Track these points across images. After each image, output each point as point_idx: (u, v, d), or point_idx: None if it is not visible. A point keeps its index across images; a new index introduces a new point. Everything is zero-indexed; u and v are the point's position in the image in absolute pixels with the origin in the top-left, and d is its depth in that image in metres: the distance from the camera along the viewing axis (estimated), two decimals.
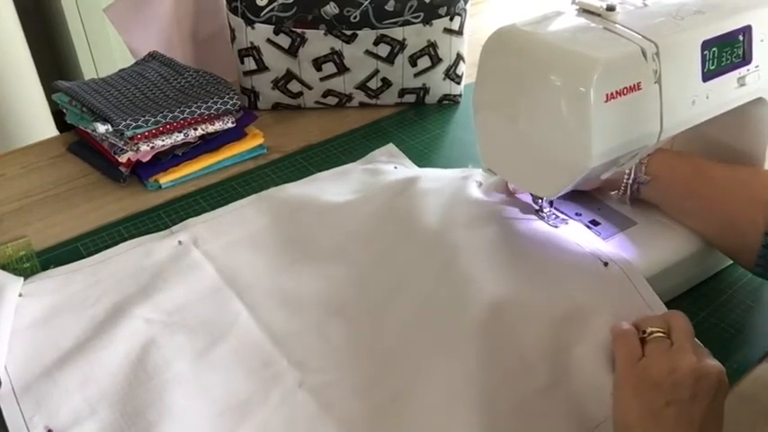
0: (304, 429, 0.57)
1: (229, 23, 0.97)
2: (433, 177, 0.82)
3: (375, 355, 0.63)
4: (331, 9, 0.92)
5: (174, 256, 0.74)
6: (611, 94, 0.55)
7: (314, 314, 0.67)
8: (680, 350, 0.54)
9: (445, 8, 0.95)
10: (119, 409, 0.58)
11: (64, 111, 0.92)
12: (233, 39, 0.98)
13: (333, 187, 0.84)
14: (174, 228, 0.79)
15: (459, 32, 0.98)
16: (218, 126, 0.90)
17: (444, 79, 1.02)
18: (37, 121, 1.78)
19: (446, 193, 0.79)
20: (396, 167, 0.88)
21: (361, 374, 0.61)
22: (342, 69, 0.98)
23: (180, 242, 0.76)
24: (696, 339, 0.58)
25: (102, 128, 0.83)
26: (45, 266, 0.74)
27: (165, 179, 0.87)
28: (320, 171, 0.89)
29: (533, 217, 0.71)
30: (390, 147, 0.93)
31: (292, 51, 0.96)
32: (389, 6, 0.93)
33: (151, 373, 0.61)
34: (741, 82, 0.64)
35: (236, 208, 0.82)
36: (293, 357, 0.63)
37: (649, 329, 0.56)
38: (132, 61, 1.05)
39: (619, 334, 0.57)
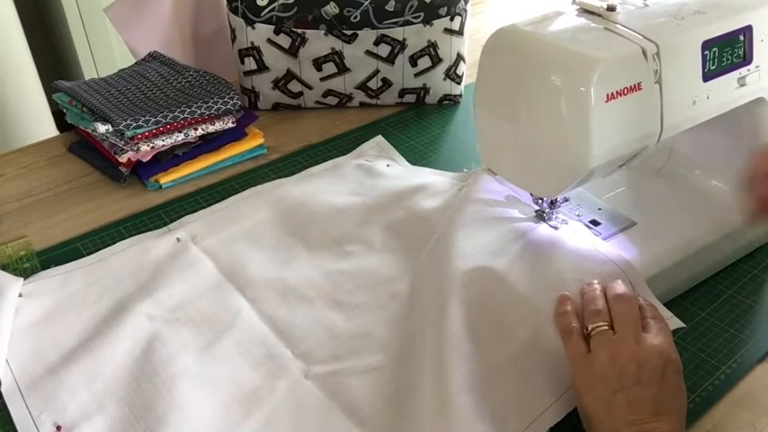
0: (311, 419, 0.58)
1: (230, 23, 0.97)
2: (430, 181, 0.83)
3: (378, 342, 0.64)
4: (331, 9, 0.93)
5: (172, 254, 0.74)
6: (612, 94, 0.55)
7: (315, 306, 0.69)
8: (620, 339, 0.56)
9: (446, 8, 0.95)
10: (126, 404, 0.59)
11: (64, 111, 0.92)
12: (233, 39, 0.98)
13: (330, 186, 0.84)
14: (172, 225, 0.79)
15: (460, 32, 0.98)
16: (218, 126, 0.90)
17: (445, 79, 1.02)
18: (37, 121, 1.78)
19: (445, 194, 0.80)
20: (388, 165, 0.88)
21: (365, 362, 0.63)
22: (342, 69, 0.98)
23: (178, 239, 0.76)
24: (653, 303, 0.61)
25: (102, 128, 0.83)
26: (45, 266, 0.74)
27: (165, 179, 0.87)
28: None
29: (533, 217, 0.71)
30: (379, 139, 0.94)
31: (293, 51, 0.96)
32: (390, 6, 0.93)
33: (157, 368, 0.61)
34: (741, 82, 0.64)
35: (232, 204, 0.82)
36: (297, 348, 0.64)
37: (591, 326, 0.57)
38: (133, 61, 1.05)
39: (564, 333, 0.59)
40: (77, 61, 1.97)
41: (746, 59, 0.63)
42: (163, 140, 0.86)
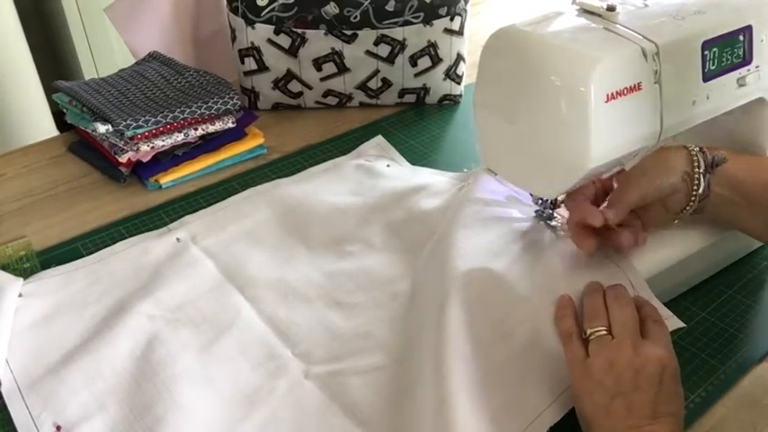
0: (311, 419, 0.58)
1: (230, 23, 0.97)
2: (430, 181, 0.83)
3: (378, 342, 0.65)
4: (331, 9, 0.93)
5: (173, 254, 0.74)
6: (612, 94, 0.55)
7: (315, 306, 0.69)
8: (617, 344, 0.56)
9: (445, 8, 0.95)
10: (127, 404, 0.59)
11: (64, 111, 0.92)
12: (233, 39, 0.98)
13: (329, 186, 0.84)
14: (172, 225, 0.79)
15: (460, 33, 0.98)
16: (218, 126, 0.90)
17: (444, 79, 1.02)
18: (37, 121, 1.78)
19: (445, 194, 0.80)
20: (388, 165, 0.88)
21: (365, 362, 0.63)
22: (342, 69, 0.98)
23: (178, 239, 0.76)
24: (651, 306, 0.60)
25: (102, 128, 0.83)
26: (45, 266, 0.74)
27: (165, 179, 0.87)
28: None
29: (533, 217, 0.71)
30: (379, 139, 0.94)
31: (293, 51, 0.96)
32: (390, 6, 0.93)
33: (156, 369, 0.61)
34: (741, 82, 0.64)
35: (232, 204, 0.82)
36: (297, 348, 0.64)
37: (589, 331, 0.58)
38: (133, 61, 1.05)
39: (563, 337, 0.59)
40: (77, 61, 1.97)
41: (746, 59, 0.63)
42: (163, 140, 0.86)
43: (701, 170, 0.63)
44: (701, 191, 0.63)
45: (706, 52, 0.60)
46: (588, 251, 0.64)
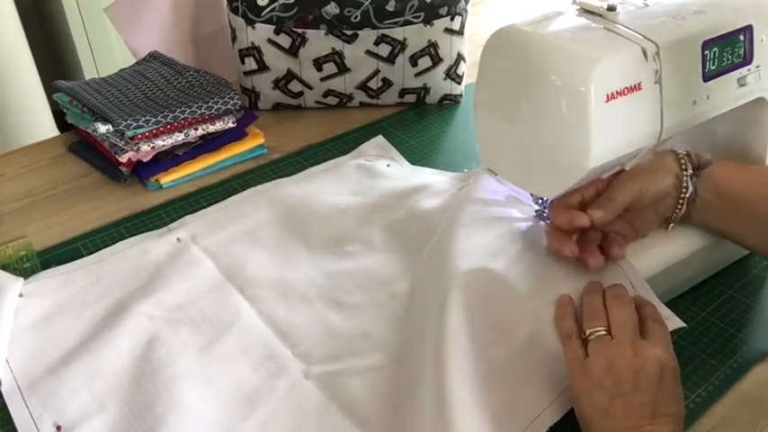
0: (311, 419, 0.59)
1: (230, 23, 0.97)
2: (430, 181, 0.83)
3: (377, 342, 0.65)
4: (332, 9, 0.93)
5: (173, 254, 0.74)
6: (612, 93, 0.55)
7: (315, 306, 0.69)
8: (617, 345, 0.56)
9: (446, 8, 0.95)
10: (127, 404, 0.59)
11: (64, 111, 0.92)
12: (234, 38, 0.98)
13: (329, 186, 0.84)
14: (172, 225, 0.79)
15: (460, 32, 0.98)
16: (218, 126, 0.90)
17: (445, 79, 1.02)
18: (37, 121, 1.78)
19: (445, 194, 0.80)
20: (388, 165, 0.88)
21: (365, 362, 0.63)
22: (342, 69, 0.98)
23: (178, 239, 0.76)
24: (651, 306, 0.60)
25: (102, 128, 0.83)
26: (45, 266, 0.74)
27: (165, 179, 0.87)
28: None
29: (533, 217, 0.71)
30: (379, 139, 0.94)
31: (293, 51, 0.96)
32: (390, 6, 0.93)
33: (156, 369, 0.61)
34: (741, 82, 0.64)
35: (233, 204, 0.83)
36: (297, 348, 0.64)
37: (588, 331, 0.57)
38: (133, 61, 1.05)
39: (563, 337, 0.59)
40: (78, 61, 1.97)
41: (746, 59, 0.63)
42: (163, 140, 0.86)
43: (689, 173, 0.64)
44: (688, 194, 0.64)
45: (706, 52, 0.60)
46: (570, 254, 0.63)
